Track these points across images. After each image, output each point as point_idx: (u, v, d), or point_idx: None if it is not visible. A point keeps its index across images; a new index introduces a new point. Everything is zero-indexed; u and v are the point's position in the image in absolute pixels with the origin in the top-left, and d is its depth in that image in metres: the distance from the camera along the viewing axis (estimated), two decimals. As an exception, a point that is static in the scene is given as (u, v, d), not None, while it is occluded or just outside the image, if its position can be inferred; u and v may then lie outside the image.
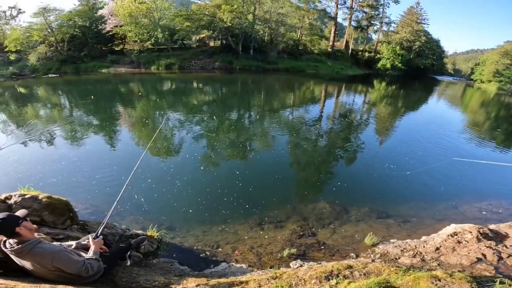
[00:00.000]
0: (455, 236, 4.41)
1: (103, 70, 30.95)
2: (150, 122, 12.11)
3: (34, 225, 2.17)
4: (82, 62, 32.85)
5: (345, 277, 3.24)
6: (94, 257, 2.42)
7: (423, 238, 4.71)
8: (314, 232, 5.19)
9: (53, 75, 29.85)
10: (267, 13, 37.97)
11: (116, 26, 34.31)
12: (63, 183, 6.29)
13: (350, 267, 3.51)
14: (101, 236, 2.60)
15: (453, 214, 5.86)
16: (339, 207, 6.06)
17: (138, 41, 34.69)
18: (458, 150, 10.41)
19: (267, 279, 3.29)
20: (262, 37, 40.66)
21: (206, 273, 3.46)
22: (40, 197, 3.33)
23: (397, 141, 11.39)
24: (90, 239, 2.53)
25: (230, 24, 33.45)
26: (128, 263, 2.97)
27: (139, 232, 3.93)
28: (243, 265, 3.84)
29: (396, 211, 6.01)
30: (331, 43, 50.09)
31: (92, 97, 16.77)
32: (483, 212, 5.99)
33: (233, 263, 3.87)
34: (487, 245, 4.04)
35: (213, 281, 3.17)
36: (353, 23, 53.17)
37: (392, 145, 10.87)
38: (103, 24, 35.79)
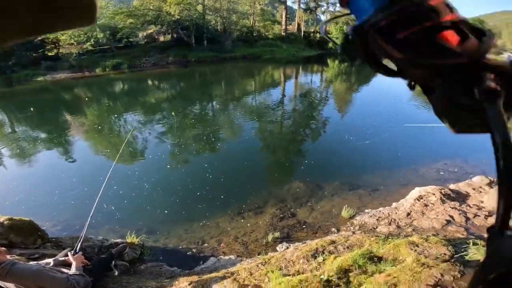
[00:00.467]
0: (421, 200, 4.79)
1: (39, 78, 27.40)
2: (105, 128, 11.26)
3: (2, 247, 2.02)
4: (13, 72, 29.09)
5: (330, 252, 3.40)
6: (78, 273, 2.31)
7: (394, 204, 5.06)
8: (293, 213, 5.34)
9: (-20, 91, 26.18)
10: (217, 2, 36.88)
11: (45, 31, 30.68)
12: (22, 203, 5.71)
13: (333, 242, 3.69)
14: (80, 252, 2.47)
15: (415, 178, 6.32)
16: (312, 184, 6.26)
17: (75, 43, 31.57)
18: (408, 116, 11.17)
19: (257, 265, 3.35)
20: (215, 27, 39.60)
21: (197, 270, 3.43)
22: (1, 220, 3.04)
23: (354, 114, 11.98)
24: (70, 256, 2.42)
25: (179, 17, 31.92)
26: (116, 273, 2.86)
27: (118, 241, 3.76)
28: (232, 256, 3.86)
29: (364, 181, 6.37)
30: (283, 27, 50.49)
31: (32, 109, 14.86)
32: (441, 173, 6.52)
33: (222, 256, 3.88)
34: (452, 206, 4.43)
35: (205, 277, 3.16)
36: (302, 5, 54.04)
37: (350, 118, 11.42)
38: (27, 30, 31.66)
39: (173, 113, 12.20)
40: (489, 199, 4.62)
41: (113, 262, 2.91)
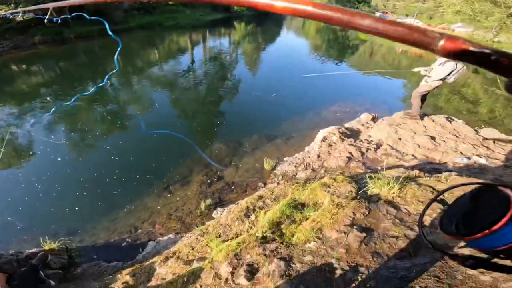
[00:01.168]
0: (326, 141, 5.40)
1: None
2: None
3: None
4: None
5: (260, 208, 3.68)
6: None
7: (306, 149, 5.57)
8: (220, 176, 5.50)
9: None
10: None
11: None
12: None
13: (261, 197, 3.96)
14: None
15: (319, 121, 7.14)
16: (232, 142, 6.47)
17: None
18: (306, 68, 12.32)
19: (197, 238, 3.44)
20: (97, -5, 31.34)
21: (139, 259, 3.38)
22: None
23: (262, 71, 12.64)
24: None
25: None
26: (52, 283, 2.61)
27: (34, 250, 3.29)
28: (170, 236, 3.89)
29: (278, 131, 6.91)
30: (184, -10, 44.32)
31: None
32: (337, 114, 7.53)
33: (160, 238, 3.87)
34: (349, 143, 5.07)
35: (148, 263, 3.15)
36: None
37: (259, 75, 11.99)
38: None
39: (48, 98, 9.89)
40: (374, 132, 5.50)
41: (41, 273, 2.61)
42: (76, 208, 4.76)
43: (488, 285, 1.60)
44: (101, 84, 8.84)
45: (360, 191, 2.96)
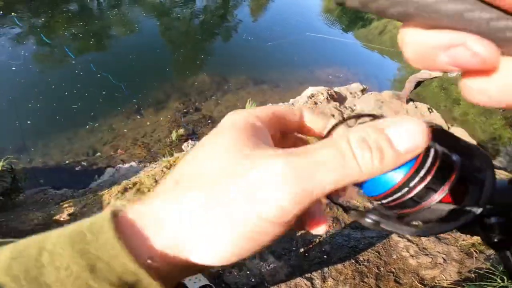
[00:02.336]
0: (313, 98, 5.25)
1: None
2: None
3: None
4: None
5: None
6: None
7: (291, 101, 5.39)
8: (198, 107, 5.17)
9: None
10: None
11: None
12: None
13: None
14: None
15: (311, 79, 6.77)
16: (218, 77, 6.01)
17: None
18: (313, 27, 11.57)
19: (162, 170, 3.24)
20: None
21: (93, 187, 3.10)
22: None
23: (264, 19, 11.42)
24: None
25: None
26: (-13, 212, 2.30)
27: None
28: (133, 163, 3.61)
29: (267, 77, 6.53)
30: None
31: None
32: (330, 77, 7.27)
33: (120, 165, 3.57)
34: (334, 106, 4.99)
35: (102, 193, 2.92)
36: None
37: (262, 21, 10.95)
38: None
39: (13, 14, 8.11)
40: (360, 103, 5.54)
41: None
42: (28, 122, 4.19)
43: (412, 268, 1.88)
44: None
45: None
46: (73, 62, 5.79)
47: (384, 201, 0.23)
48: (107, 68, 5.66)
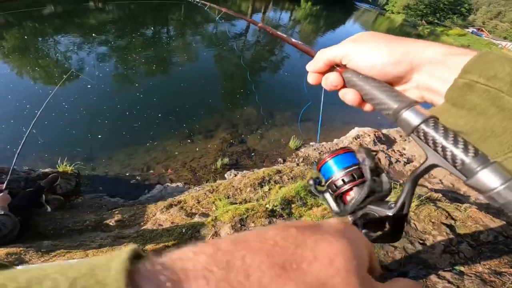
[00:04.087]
0: (358, 139, 5.15)
1: None
2: (32, 50, 8.56)
3: None
4: None
5: (275, 182, 3.56)
6: (2, 213, 2.03)
7: (335, 140, 5.34)
8: (243, 139, 5.38)
9: None
10: None
11: None
12: None
13: (279, 172, 3.85)
14: (6, 191, 2.15)
15: (357, 118, 6.62)
16: (264, 112, 6.25)
17: None
18: None
19: (205, 193, 3.37)
20: None
21: (142, 199, 3.34)
22: None
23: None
24: None
25: None
26: (49, 209, 2.61)
27: (47, 170, 3.29)
28: (179, 184, 3.83)
29: (312, 115, 6.49)
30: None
31: None
32: (378, 117, 6.94)
33: (168, 184, 3.81)
34: (381, 149, 4.83)
35: (150, 206, 3.11)
36: None
37: (303, 55, 11.36)
38: None
39: (93, 34, 10.06)
40: (411, 147, 5.23)
41: (43, 196, 2.61)
42: (99, 136, 4.80)
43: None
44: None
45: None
46: (136, 85, 6.69)
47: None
48: (165, 93, 6.41)
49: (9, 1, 20.71)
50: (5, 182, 2.34)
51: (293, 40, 0.75)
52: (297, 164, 4.37)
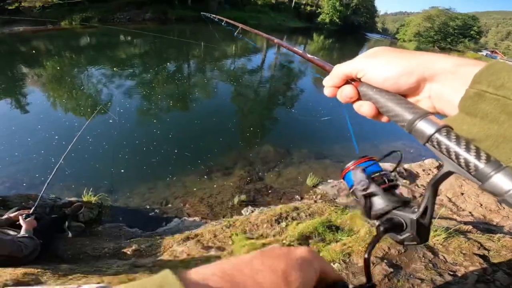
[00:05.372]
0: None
1: None
2: (67, 82, 9.76)
3: None
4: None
5: (293, 218, 3.50)
6: (26, 235, 2.12)
7: None
8: (261, 177, 5.39)
9: None
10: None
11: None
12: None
13: (296, 208, 3.80)
14: (33, 216, 2.28)
15: (376, 153, 6.45)
16: (282, 149, 6.32)
17: None
18: None
19: (222, 228, 3.36)
20: (201, -14, 36.01)
21: (159, 231, 3.36)
22: None
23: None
24: (21, 220, 2.24)
25: (163, -29, 28.21)
26: (70, 234, 2.69)
27: (73, 199, 3.48)
28: (196, 218, 3.84)
29: (330, 152, 6.57)
30: (276, -6, 47.71)
31: None
32: (398, 152, 6.83)
33: (186, 218, 3.83)
34: (403, 184, 4.69)
35: (167, 237, 3.12)
36: (298, -25, 51.39)
37: (319, 90, 11.49)
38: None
39: (115, 69, 11.22)
40: None
41: (66, 223, 2.72)
42: (129, 170, 5.04)
43: None
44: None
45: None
46: (154, 121, 7.11)
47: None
48: (181, 130, 6.72)
49: (53, 30, 23.81)
50: (33, 208, 2.48)
51: (309, 55, 0.76)
52: (315, 201, 4.31)
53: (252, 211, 4.11)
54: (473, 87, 0.33)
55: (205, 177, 5.13)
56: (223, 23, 3.83)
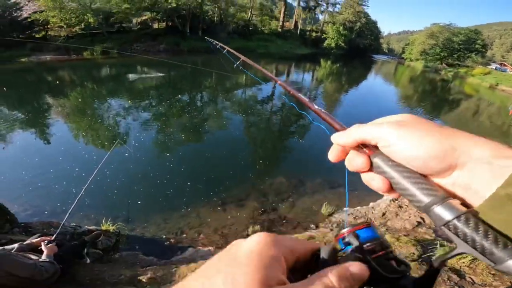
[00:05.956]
0: (396, 201, 4.98)
1: (23, 59, 25.54)
2: (88, 112, 10.79)
3: None
4: (-4, 53, 27.27)
5: (308, 246, 3.47)
6: (47, 260, 2.28)
7: (371, 204, 5.20)
8: (275, 207, 5.38)
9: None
10: (217, -8, 36.54)
11: (36, 12, 29.22)
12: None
13: (312, 237, 3.78)
14: (54, 243, 2.47)
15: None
16: (295, 180, 6.33)
17: (65, 26, 30.28)
18: None
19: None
20: (212, 18, 39.28)
21: (174, 260, 3.42)
22: (-34, 201, 2.94)
23: (338, 114, 12.36)
24: (43, 245, 2.41)
25: (177, 5, 31.44)
26: (88, 261, 2.82)
27: (92, 228, 3.69)
28: (210, 248, 3.86)
29: (344, 180, 6.46)
30: (281, 23, 50.92)
31: (5, 88, 13.38)
32: None
33: (200, 247, 3.87)
34: (421, 215, 4.53)
35: (181, 266, 3.16)
36: (302, 3, 54.78)
37: (337, 118, 11.68)
38: (18, 11, 30.14)
39: (129, 101, 12.01)
40: None
41: (85, 249, 2.87)
42: (145, 201, 5.25)
43: None
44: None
45: (424, 255, 2.83)
46: (167, 154, 7.40)
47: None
48: (194, 162, 6.92)
49: (76, 60, 25.92)
50: (55, 235, 2.68)
51: (316, 107, 0.66)
52: (331, 230, 4.25)
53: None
54: (505, 188, 0.30)
55: (219, 208, 5.21)
56: (224, 51, 3.60)
